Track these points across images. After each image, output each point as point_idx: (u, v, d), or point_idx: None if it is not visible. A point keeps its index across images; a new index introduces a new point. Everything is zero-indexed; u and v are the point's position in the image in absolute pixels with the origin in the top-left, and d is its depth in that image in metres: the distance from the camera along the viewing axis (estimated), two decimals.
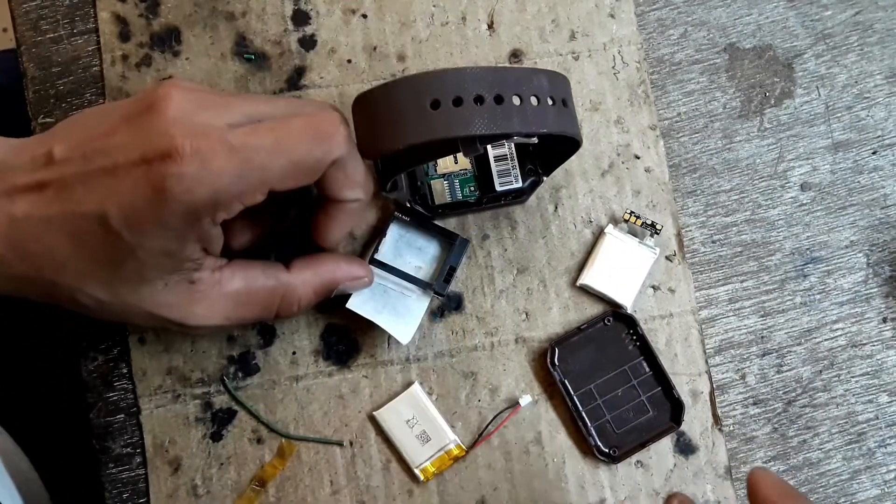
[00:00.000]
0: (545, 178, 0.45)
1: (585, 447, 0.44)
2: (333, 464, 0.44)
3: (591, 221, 0.46)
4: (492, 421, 0.44)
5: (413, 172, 0.44)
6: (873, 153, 0.47)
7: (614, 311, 0.45)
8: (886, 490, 0.45)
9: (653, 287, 0.46)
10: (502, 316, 0.45)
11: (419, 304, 0.44)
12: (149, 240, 0.35)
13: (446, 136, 0.35)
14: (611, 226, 0.45)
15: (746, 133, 0.47)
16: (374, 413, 0.44)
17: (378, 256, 0.44)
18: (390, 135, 0.36)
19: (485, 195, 0.45)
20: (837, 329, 0.46)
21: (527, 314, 0.45)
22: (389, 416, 0.44)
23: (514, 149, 0.45)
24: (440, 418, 0.44)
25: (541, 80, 0.37)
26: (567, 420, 0.44)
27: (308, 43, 0.47)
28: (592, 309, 0.45)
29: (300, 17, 0.47)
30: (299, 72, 0.47)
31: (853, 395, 0.46)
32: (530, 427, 0.44)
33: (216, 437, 0.44)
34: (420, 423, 0.44)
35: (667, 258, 0.46)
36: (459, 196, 0.45)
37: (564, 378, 0.44)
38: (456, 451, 0.44)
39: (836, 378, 0.46)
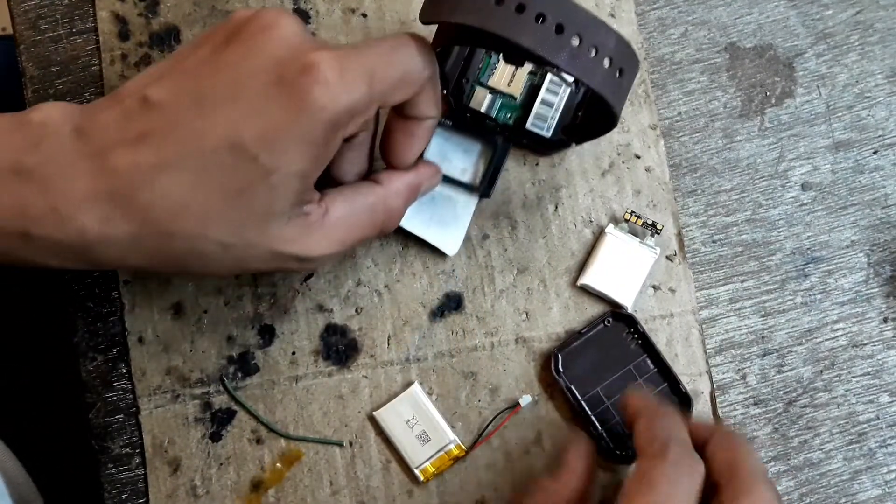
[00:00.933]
0: (573, 146, 0.45)
1: (599, 449, 0.44)
2: (333, 464, 0.44)
3: (591, 221, 0.46)
4: (492, 421, 0.44)
5: (465, 67, 0.45)
6: (874, 153, 0.47)
7: (613, 311, 0.45)
8: (887, 490, 0.45)
9: (653, 287, 0.46)
10: (502, 316, 0.45)
11: (466, 209, 0.44)
12: (287, 159, 0.34)
13: (493, 30, 0.36)
14: (611, 225, 0.45)
15: (747, 132, 0.47)
16: (373, 413, 0.44)
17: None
18: (447, 7, 0.37)
19: (513, 129, 0.45)
20: (838, 329, 0.46)
21: (527, 314, 0.45)
22: (389, 417, 0.44)
23: (563, 102, 0.45)
24: (440, 418, 0.44)
25: (608, 37, 0.37)
26: (578, 424, 0.44)
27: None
28: (593, 309, 0.45)
29: (300, 17, 0.47)
30: None
31: (854, 395, 0.45)
32: (530, 427, 0.44)
33: (215, 437, 0.44)
34: (420, 423, 0.44)
35: (667, 258, 0.46)
36: (493, 113, 0.45)
37: (570, 384, 0.44)
38: (456, 452, 0.44)
39: (837, 378, 0.46)
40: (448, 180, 0.44)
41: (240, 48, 0.34)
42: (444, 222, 0.44)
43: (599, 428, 0.44)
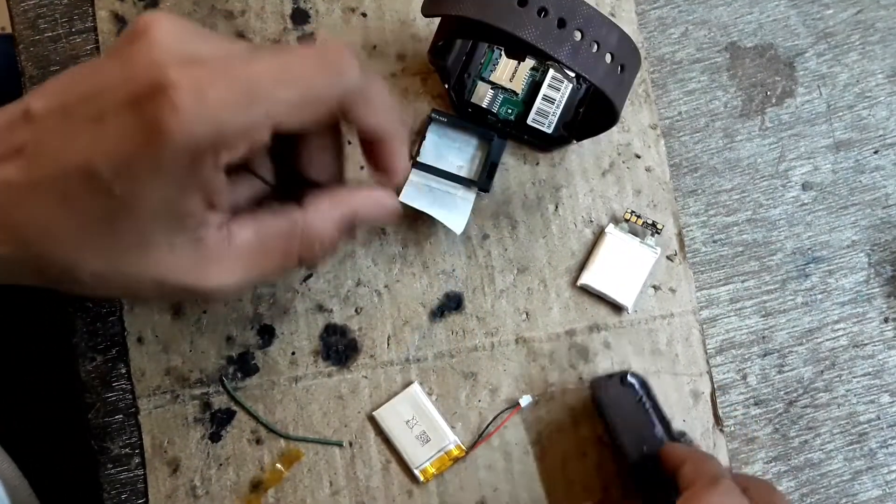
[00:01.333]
0: (574, 143, 0.45)
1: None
2: (333, 464, 0.44)
3: (591, 221, 0.46)
4: (492, 421, 0.44)
5: (467, 62, 0.45)
6: (875, 153, 0.47)
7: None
8: (888, 490, 0.45)
9: (654, 287, 0.45)
10: (502, 316, 0.45)
11: (465, 200, 0.44)
12: (145, 190, 0.30)
13: (494, 24, 0.36)
14: (611, 225, 0.45)
15: (748, 132, 0.47)
16: (373, 413, 0.44)
17: (420, 159, 0.44)
18: (450, 1, 0.37)
19: (514, 125, 0.45)
20: (839, 329, 0.46)
21: (527, 314, 0.45)
22: (388, 416, 0.44)
23: (564, 98, 0.45)
24: (440, 418, 0.44)
25: (610, 34, 0.37)
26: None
27: (308, 41, 0.47)
28: (593, 309, 0.45)
29: (299, 16, 0.47)
30: None
31: (854, 395, 0.45)
32: (530, 427, 0.44)
33: (215, 437, 0.44)
34: (420, 423, 0.44)
35: (668, 258, 0.46)
36: (494, 109, 0.45)
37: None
38: (456, 452, 0.43)
39: (838, 378, 0.45)
40: (446, 175, 0.44)
41: (115, 60, 0.31)
42: (447, 207, 0.44)
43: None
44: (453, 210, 0.44)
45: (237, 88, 0.30)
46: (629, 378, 0.42)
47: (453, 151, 0.45)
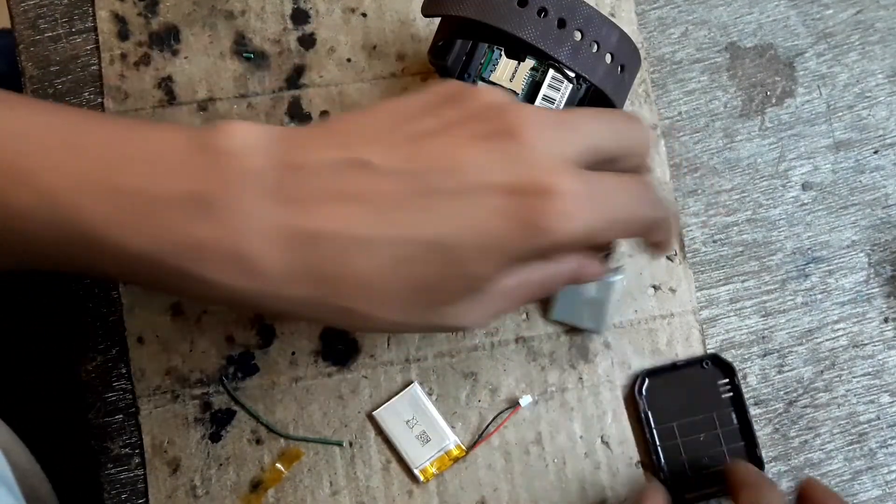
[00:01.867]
0: None
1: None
2: (333, 464, 0.44)
3: None
4: (492, 421, 0.44)
5: (467, 62, 0.45)
6: (875, 153, 0.47)
7: (714, 355, 0.44)
8: (888, 490, 0.45)
9: (653, 287, 0.45)
10: (502, 316, 0.45)
11: None
12: (487, 269, 0.32)
13: (494, 24, 0.36)
14: None
15: (747, 132, 0.47)
16: (373, 413, 0.44)
17: None
18: (450, 1, 0.37)
19: None
20: (839, 329, 0.46)
21: (527, 314, 0.45)
22: (389, 416, 0.44)
23: (564, 98, 0.45)
24: (440, 418, 0.44)
25: (610, 34, 0.37)
26: (643, 451, 0.44)
27: (307, 42, 0.47)
28: None
29: (299, 16, 0.47)
30: (299, 71, 0.46)
31: (854, 395, 0.45)
32: (530, 427, 0.44)
33: (215, 437, 0.44)
34: (420, 423, 0.44)
35: (667, 258, 0.46)
36: None
37: (648, 409, 0.44)
38: (456, 452, 0.43)
39: (838, 378, 0.45)
40: None
41: (483, 146, 0.31)
42: None
43: (662, 461, 0.44)
44: None
45: (600, 209, 0.32)
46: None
47: None
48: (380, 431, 0.44)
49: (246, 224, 0.30)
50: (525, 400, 0.44)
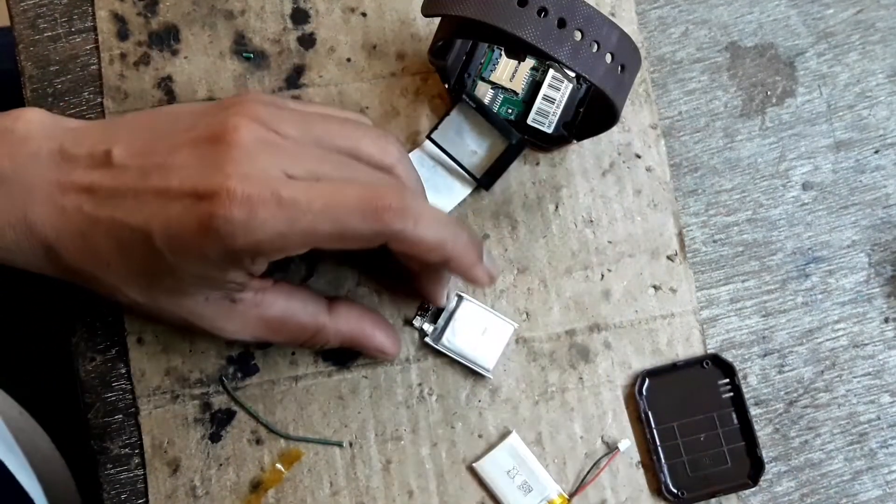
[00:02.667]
0: (574, 142, 0.45)
1: (654, 483, 0.44)
2: (333, 465, 0.44)
3: (591, 221, 0.46)
4: (591, 468, 0.44)
5: (467, 62, 0.45)
6: (875, 152, 0.47)
7: (714, 355, 0.44)
8: (888, 491, 0.45)
9: (654, 287, 0.45)
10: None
11: (460, 191, 0.45)
12: (189, 265, 0.35)
13: (494, 24, 0.36)
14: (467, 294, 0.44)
15: (748, 132, 0.47)
16: (474, 465, 0.44)
17: (434, 136, 0.44)
18: (450, 0, 0.37)
19: (514, 124, 0.45)
20: (839, 329, 0.46)
21: (527, 314, 0.45)
22: (490, 467, 0.43)
23: (564, 98, 0.45)
24: (541, 468, 0.43)
25: (611, 33, 0.37)
26: (643, 451, 0.44)
27: (307, 41, 0.47)
28: (594, 309, 0.45)
29: (299, 16, 0.47)
30: (298, 70, 0.46)
31: (855, 395, 0.45)
32: (531, 427, 0.44)
33: (215, 437, 0.44)
34: (521, 473, 0.43)
35: (668, 258, 0.46)
36: (494, 108, 0.45)
37: (649, 410, 0.44)
38: (558, 501, 0.43)
39: (838, 378, 0.45)
40: (453, 160, 0.44)
41: (194, 150, 0.35)
42: (438, 189, 0.44)
43: (663, 461, 0.43)
44: (442, 192, 0.44)
45: (282, 214, 0.34)
46: None
47: (474, 136, 0.44)
48: (381, 432, 0.44)
49: (31, 198, 0.36)
50: (624, 444, 0.44)
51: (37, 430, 0.51)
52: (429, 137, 0.44)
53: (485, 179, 0.44)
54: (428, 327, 0.44)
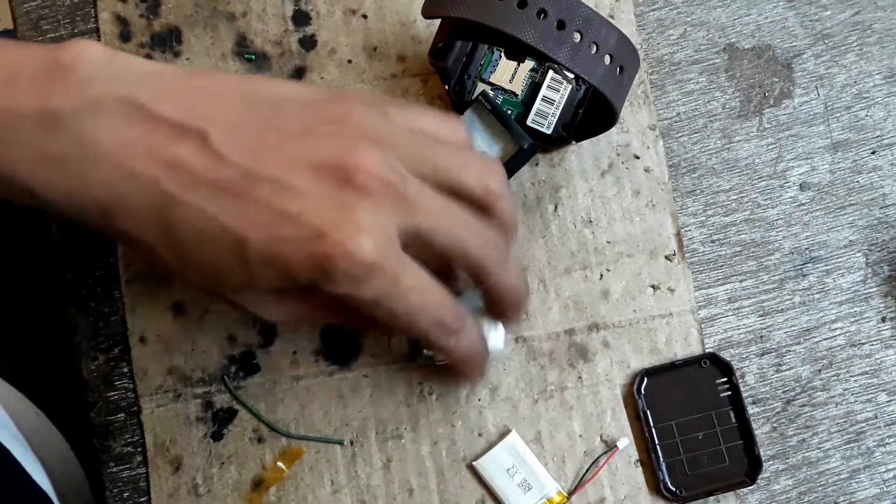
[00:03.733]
0: (573, 143, 0.45)
1: (653, 481, 0.44)
2: (334, 463, 0.44)
3: (590, 221, 0.46)
4: (590, 467, 0.44)
5: (467, 63, 0.45)
6: (872, 153, 0.48)
7: (712, 354, 0.45)
8: (885, 489, 0.45)
9: (652, 287, 0.46)
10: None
11: None
12: (270, 280, 0.34)
13: (494, 25, 0.36)
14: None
15: (745, 133, 0.47)
16: (473, 463, 0.44)
17: None
18: (450, 2, 0.37)
19: None
20: (836, 328, 0.46)
21: (527, 314, 0.45)
22: (489, 465, 0.44)
23: (563, 99, 0.45)
24: (540, 466, 0.44)
25: (609, 35, 0.37)
26: (641, 449, 0.44)
27: (308, 43, 0.47)
28: (592, 309, 0.45)
29: (301, 18, 0.47)
30: (299, 72, 0.47)
31: (852, 394, 0.46)
32: (530, 426, 0.45)
33: (217, 436, 0.44)
34: (520, 471, 0.43)
35: (666, 258, 0.46)
36: None
37: (647, 408, 0.44)
38: (558, 499, 0.43)
39: (835, 377, 0.46)
40: None
41: (315, 173, 0.33)
42: None
43: (661, 460, 0.44)
44: None
45: (387, 290, 0.33)
46: None
47: (485, 139, 0.44)
48: (382, 431, 0.44)
49: (89, 152, 0.32)
50: (623, 442, 0.44)
51: (52, 430, 0.51)
52: None
53: None
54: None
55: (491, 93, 0.45)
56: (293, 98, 0.35)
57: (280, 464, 0.44)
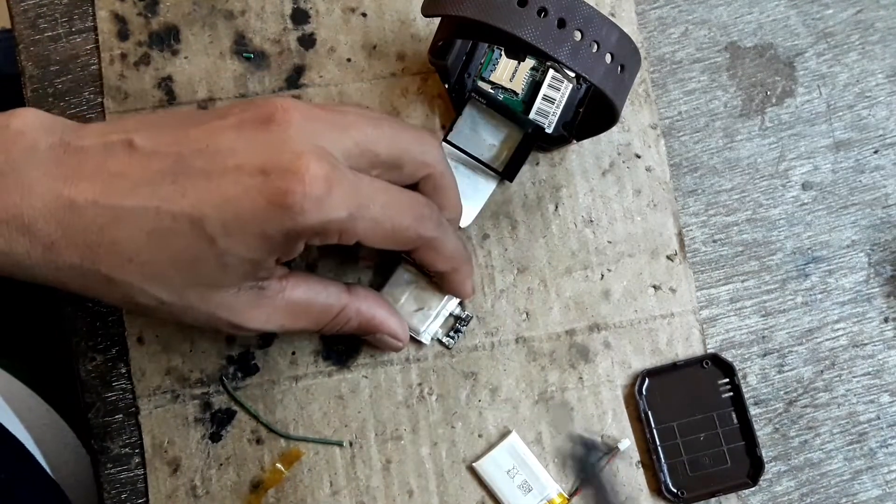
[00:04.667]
0: (574, 142, 0.45)
1: (654, 482, 0.44)
2: (333, 464, 0.44)
3: (591, 221, 0.46)
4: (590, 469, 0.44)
5: (467, 62, 0.45)
6: (875, 152, 0.47)
7: (714, 355, 0.44)
8: (888, 490, 0.45)
9: (654, 287, 0.45)
10: (502, 316, 0.45)
11: (486, 186, 0.44)
12: (243, 249, 0.34)
13: (494, 24, 0.36)
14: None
15: (747, 132, 0.47)
16: (473, 464, 0.44)
17: (451, 137, 0.44)
18: (449, 1, 0.37)
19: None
20: (839, 329, 0.46)
21: (527, 314, 0.45)
22: (489, 467, 0.43)
23: (564, 98, 0.45)
24: (540, 467, 0.43)
25: (610, 34, 0.37)
26: (643, 451, 0.44)
27: (307, 42, 0.47)
28: (593, 309, 0.45)
29: (299, 16, 0.47)
30: (298, 70, 0.46)
31: (854, 395, 0.45)
32: (531, 427, 0.44)
33: (215, 437, 0.44)
34: (521, 472, 0.43)
35: (667, 258, 0.46)
36: None
37: (648, 409, 0.44)
38: (558, 501, 0.43)
39: (838, 378, 0.46)
40: (473, 158, 0.44)
41: (243, 131, 0.34)
42: (464, 194, 0.43)
43: (662, 461, 0.44)
44: (469, 197, 0.44)
45: (354, 199, 0.34)
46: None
47: (489, 130, 0.44)
48: (381, 431, 0.44)
49: (28, 193, 0.33)
50: (624, 444, 0.44)
51: (64, 427, 0.51)
52: (446, 140, 0.44)
53: (507, 171, 0.44)
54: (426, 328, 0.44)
55: (483, 86, 0.45)
56: (206, 110, 0.37)
57: (279, 465, 0.44)
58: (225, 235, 0.33)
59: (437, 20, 0.42)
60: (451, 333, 0.44)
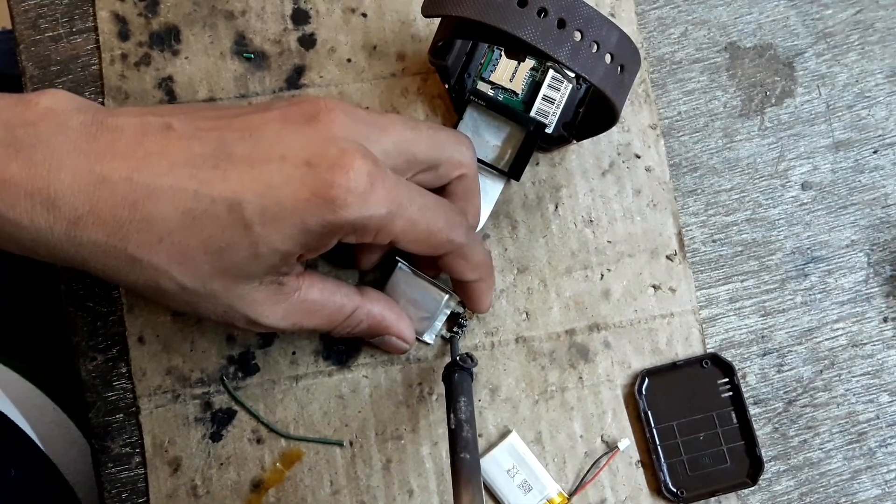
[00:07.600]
0: (574, 142, 0.45)
1: (654, 482, 0.44)
2: (333, 464, 0.44)
3: (591, 221, 0.46)
4: (591, 467, 0.44)
5: (467, 62, 0.45)
6: (874, 152, 0.47)
7: (714, 355, 0.44)
8: (887, 490, 0.45)
9: (653, 287, 0.46)
10: (502, 316, 0.45)
11: (494, 188, 0.45)
12: (278, 239, 0.33)
13: (494, 24, 0.36)
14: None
15: (747, 132, 0.47)
16: None
17: None
18: (450, 1, 0.37)
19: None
20: (838, 328, 0.46)
21: (527, 314, 0.45)
22: (489, 466, 0.43)
23: (564, 98, 0.45)
24: (540, 467, 0.43)
25: (610, 34, 0.37)
26: (642, 450, 0.44)
27: (308, 42, 0.47)
28: (593, 309, 0.45)
29: (300, 16, 0.47)
30: (299, 71, 0.46)
31: (854, 394, 0.45)
32: (530, 427, 0.44)
33: (216, 437, 0.44)
34: (521, 472, 0.43)
35: (667, 257, 0.46)
36: None
37: (648, 409, 0.44)
38: (558, 500, 0.43)
39: (837, 378, 0.46)
40: (480, 162, 0.44)
41: (289, 125, 0.34)
42: None
43: (662, 461, 0.44)
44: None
45: (394, 198, 0.34)
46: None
47: (492, 131, 0.45)
48: (382, 431, 0.44)
49: (56, 167, 0.32)
50: (623, 443, 0.44)
51: (71, 426, 0.51)
52: None
53: (513, 170, 0.44)
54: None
55: (483, 86, 0.45)
56: (243, 107, 0.37)
57: (279, 465, 0.44)
58: (262, 223, 0.33)
59: (437, 20, 0.43)
60: (455, 329, 0.45)
